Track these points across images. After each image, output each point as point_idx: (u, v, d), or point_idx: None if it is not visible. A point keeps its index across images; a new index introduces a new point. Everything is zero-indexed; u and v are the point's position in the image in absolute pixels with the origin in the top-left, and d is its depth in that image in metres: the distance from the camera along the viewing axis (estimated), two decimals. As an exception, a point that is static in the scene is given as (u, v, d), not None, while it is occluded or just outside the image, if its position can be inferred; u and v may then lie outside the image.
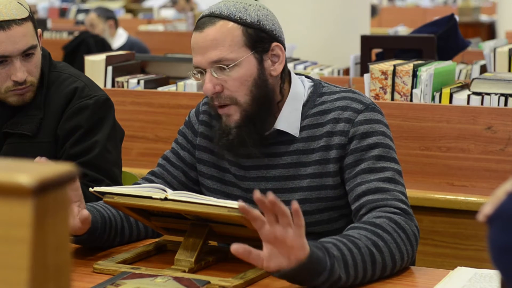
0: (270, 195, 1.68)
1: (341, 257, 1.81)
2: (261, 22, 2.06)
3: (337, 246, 1.82)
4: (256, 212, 1.72)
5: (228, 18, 2.04)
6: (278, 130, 2.12)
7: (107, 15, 7.34)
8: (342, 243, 1.84)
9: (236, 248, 1.71)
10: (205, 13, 2.09)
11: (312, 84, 2.17)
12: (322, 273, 1.76)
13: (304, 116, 2.12)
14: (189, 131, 2.26)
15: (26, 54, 2.39)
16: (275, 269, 1.75)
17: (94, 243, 2.08)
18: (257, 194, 1.68)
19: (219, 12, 2.06)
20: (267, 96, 2.08)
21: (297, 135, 2.12)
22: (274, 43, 2.08)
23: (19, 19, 2.35)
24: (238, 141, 2.08)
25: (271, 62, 2.08)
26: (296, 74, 2.19)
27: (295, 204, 1.70)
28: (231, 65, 2.03)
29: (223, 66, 2.03)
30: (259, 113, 2.07)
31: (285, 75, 2.13)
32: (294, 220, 1.71)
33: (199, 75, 2.08)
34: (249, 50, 2.05)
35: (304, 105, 2.13)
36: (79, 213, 1.97)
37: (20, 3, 2.37)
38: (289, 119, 2.12)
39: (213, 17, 2.05)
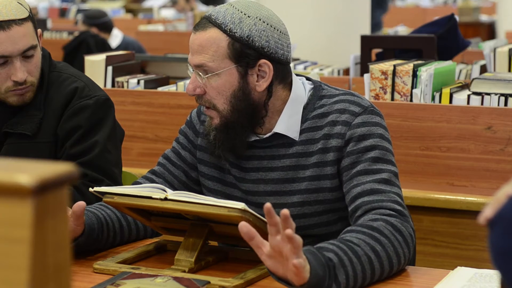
0: (290, 222, 1.68)
1: (342, 268, 1.81)
2: (251, 38, 2.04)
3: (338, 256, 1.82)
4: (277, 218, 1.71)
5: (219, 27, 2.04)
6: (277, 133, 2.12)
7: (91, 22, 7.24)
8: (343, 251, 1.83)
9: (242, 226, 1.71)
10: (206, 13, 2.10)
11: (312, 86, 2.17)
12: None
13: (304, 119, 2.12)
14: (190, 131, 2.26)
15: (26, 54, 2.38)
16: (271, 270, 1.75)
17: (93, 245, 2.08)
18: (267, 205, 1.68)
19: (215, 18, 2.06)
20: (247, 108, 2.08)
21: (296, 139, 2.12)
22: (262, 60, 2.06)
23: (19, 19, 2.35)
24: (215, 143, 2.11)
25: (257, 77, 2.07)
26: (297, 75, 2.18)
27: (297, 241, 1.69)
28: (209, 74, 2.04)
29: (201, 72, 2.05)
30: (240, 122, 2.08)
31: (272, 90, 2.10)
32: (297, 254, 1.70)
33: (192, 70, 2.10)
34: (232, 63, 2.05)
35: (304, 108, 2.13)
36: (72, 209, 1.97)
37: (20, 3, 2.37)
38: (289, 122, 2.12)
39: (208, 21, 2.06)
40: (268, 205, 1.70)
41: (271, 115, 2.12)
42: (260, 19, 2.06)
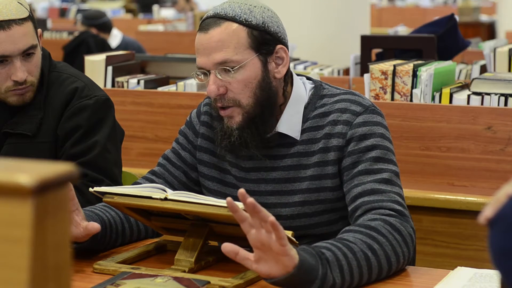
0: (249, 198, 1.67)
1: (336, 262, 1.80)
2: (266, 24, 2.05)
3: (331, 250, 1.82)
4: (243, 213, 1.72)
5: (233, 19, 2.03)
6: (279, 132, 2.12)
7: (89, 22, 7.23)
8: (336, 247, 1.83)
9: (225, 246, 1.72)
10: (209, 14, 2.08)
11: (313, 86, 2.17)
12: (314, 282, 1.76)
13: (305, 119, 2.12)
14: (190, 132, 2.25)
15: (26, 54, 2.38)
16: (265, 274, 1.74)
17: (95, 247, 2.08)
18: (241, 191, 1.68)
19: (224, 13, 2.05)
20: (270, 98, 2.07)
21: (298, 138, 2.12)
22: (279, 46, 2.07)
23: (19, 19, 2.35)
24: (240, 143, 2.08)
25: (275, 65, 2.08)
26: (297, 75, 2.18)
27: (271, 218, 1.68)
28: (236, 67, 2.03)
29: (227, 68, 2.03)
30: (262, 115, 2.07)
31: (288, 78, 2.13)
32: (274, 234, 1.69)
33: (202, 76, 2.08)
34: (253, 52, 2.04)
35: (305, 108, 2.13)
36: (87, 225, 1.96)
37: (20, 3, 2.37)
38: (290, 122, 2.11)
39: (218, 18, 2.04)
40: (229, 199, 1.71)
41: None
42: (264, 7, 2.09)
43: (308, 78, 2.20)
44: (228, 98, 2.05)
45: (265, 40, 2.05)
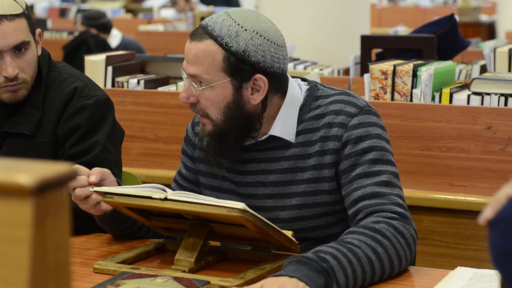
0: None
1: (341, 271, 1.81)
2: (246, 53, 2.01)
3: (337, 258, 1.82)
4: None
5: (215, 39, 2.01)
6: (274, 135, 2.11)
7: (89, 23, 7.22)
8: (342, 254, 1.84)
9: None
10: (204, 21, 2.07)
11: (308, 87, 2.16)
12: None
13: (300, 121, 2.11)
14: (188, 147, 2.27)
15: (18, 49, 2.39)
16: None
17: (117, 226, 2.17)
18: None
19: (212, 29, 2.03)
20: (241, 119, 2.06)
21: (292, 141, 2.11)
22: (257, 75, 2.03)
23: (10, 15, 2.36)
24: (210, 150, 2.11)
25: (251, 91, 2.05)
26: (292, 77, 2.17)
27: None
28: (203, 86, 2.04)
29: (195, 84, 2.05)
30: (233, 131, 2.07)
31: (271, 100, 2.08)
32: None
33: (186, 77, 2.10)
34: (226, 76, 2.03)
35: (300, 109, 2.12)
36: (102, 205, 2.08)
37: (15, 0, 2.38)
38: (285, 125, 2.10)
39: (205, 31, 2.04)
40: None
41: (267, 120, 2.11)
42: (257, 33, 2.03)
43: (303, 79, 2.19)
44: (199, 108, 2.07)
45: (240, 68, 2.02)
